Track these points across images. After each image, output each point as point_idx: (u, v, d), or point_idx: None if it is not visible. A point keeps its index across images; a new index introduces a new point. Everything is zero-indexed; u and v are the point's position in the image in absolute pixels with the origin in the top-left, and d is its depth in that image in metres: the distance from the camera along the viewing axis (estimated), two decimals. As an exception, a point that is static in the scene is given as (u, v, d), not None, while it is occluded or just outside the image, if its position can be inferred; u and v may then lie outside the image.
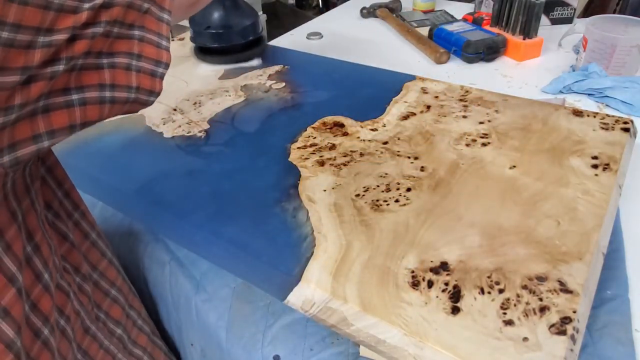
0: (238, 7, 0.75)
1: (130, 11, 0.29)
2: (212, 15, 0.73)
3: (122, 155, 0.55)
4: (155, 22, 0.31)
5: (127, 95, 0.30)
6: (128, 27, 0.29)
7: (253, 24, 0.76)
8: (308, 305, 0.38)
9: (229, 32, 0.74)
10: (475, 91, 0.63)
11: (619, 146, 0.50)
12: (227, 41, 0.75)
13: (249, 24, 0.75)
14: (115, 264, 0.47)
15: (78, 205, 0.43)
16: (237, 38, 0.75)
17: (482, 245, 0.40)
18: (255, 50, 0.77)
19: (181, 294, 0.51)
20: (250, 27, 0.75)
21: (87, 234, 0.44)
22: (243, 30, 0.75)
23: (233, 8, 0.74)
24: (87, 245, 0.44)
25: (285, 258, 0.40)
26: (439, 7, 1.14)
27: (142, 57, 0.31)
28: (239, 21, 0.74)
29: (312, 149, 0.53)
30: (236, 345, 0.46)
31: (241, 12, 0.76)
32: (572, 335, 0.32)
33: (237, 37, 0.75)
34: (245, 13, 0.76)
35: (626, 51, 0.76)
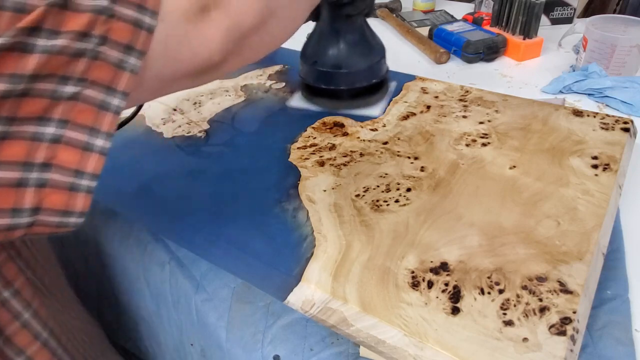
0: (360, 42, 0.59)
1: (31, 101, 0.20)
2: (324, 48, 0.58)
3: (122, 155, 0.55)
4: (90, 112, 0.22)
5: (10, 222, 0.21)
6: (26, 122, 0.20)
7: (377, 63, 0.60)
8: (308, 305, 0.38)
9: (340, 72, 0.58)
10: (475, 91, 0.63)
11: (619, 146, 0.50)
12: (336, 83, 0.59)
13: (370, 64, 0.59)
14: (50, 346, 0.39)
15: (11, 282, 0.35)
16: (350, 81, 0.59)
17: (482, 245, 0.40)
18: (375, 97, 0.62)
19: (181, 294, 0.51)
20: (371, 68, 0.59)
21: (17, 315, 0.36)
22: (360, 72, 0.59)
23: (352, 42, 0.58)
24: (16, 327, 0.36)
25: (285, 258, 0.40)
26: (439, 7, 1.14)
27: (52, 165, 0.22)
28: (356, 60, 0.58)
29: (312, 149, 0.53)
30: (236, 345, 0.46)
31: (363, 47, 0.59)
32: (572, 335, 0.32)
33: (351, 79, 0.59)
34: (367, 49, 0.59)
35: (626, 51, 0.76)
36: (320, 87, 0.60)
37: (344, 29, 0.57)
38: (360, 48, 0.58)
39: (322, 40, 0.58)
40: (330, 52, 0.57)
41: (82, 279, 0.67)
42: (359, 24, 0.58)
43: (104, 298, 0.66)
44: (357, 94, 0.60)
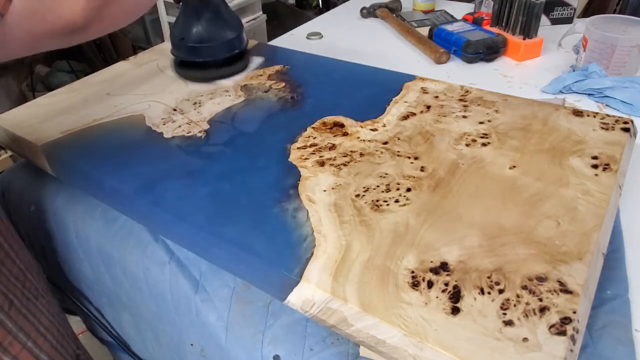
0: (219, 18, 0.68)
1: None
2: (189, 26, 0.67)
3: (122, 155, 0.55)
4: None
5: None
6: None
7: (237, 37, 0.70)
8: (308, 305, 0.38)
9: (207, 45, 0.68)
10: (475, 91, 0.63)
11: (619, 146, 0.50)
12: (203, 55, 0.68)
13: (232, 37, 0.69)
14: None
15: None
16: (217, 52, 0.69)
17: (482, 245, 0.40)
18: (237, 66, 0.71)
19: (181, 294, 0.51)
20: (232, 41, 0.69)
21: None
22: (224, 44, 0.68)
23: (213, 18, 0.68)
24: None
25: (285, 258, 0.40)
26: (439, 7, 1.14)
27: None
28: (219, 34, 0.68)
29: (312, 149, 0.53)
30: (236, 345, 0.46)
31: (223, 22, 0.69)
32: (572, 335, 0.32)
33: (217, 51, 0.68)
34: (227, 24, 0.69)
35: (626, 51, 0.76)
36: (189, 60, 0.69)
37: (202, 8, 0.66)
38: (218, 24, 0.68)
39: (187, 19, 0.67)
40: (194, 29, 0.67)
41: (82, 279, 0.67)
42: (214, 3, 0.67)
43: (104, 298, 0.66)
44: (221, 64, 0.69)
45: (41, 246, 0.71)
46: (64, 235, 0.64)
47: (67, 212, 0.63)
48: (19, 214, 0.71)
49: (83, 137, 0.59)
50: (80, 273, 0.66)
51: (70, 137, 0.59)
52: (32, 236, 0.71)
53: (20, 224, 0.72)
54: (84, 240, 0.61)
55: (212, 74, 0.69)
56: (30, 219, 0.69)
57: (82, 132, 0.59)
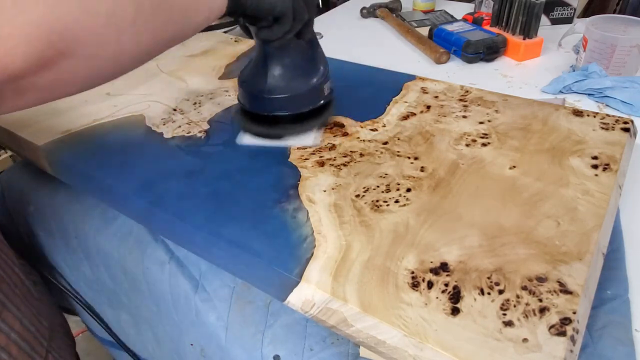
0: (292, 66, 0.52)
1: None
2: (255, 72, 0.53)
3: (122, 155, 0.55)
4: None
5: None
6: None
7: (314, 88, 0.54)
8: (308, 305, 0.38)
9: (270, 97, 0.52)
10: (475, 91, 0.63)
11: (619, 146, 0.50)
12: (265, 108, 0.53)
13: (312, 85, 0.53)
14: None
15: None
16: (291, 106, 0.53)
17: (482, 245, 0.40)
18: (315, 122, 0.56)
19: (181, 294, 0.51)
20: (313, 91, 0.54)
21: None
22: (303, 95, 0.53)
23: (284, 66, 0.52)
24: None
25: (285, 259, 0.40)
26: (439, 7, 1.14)
27: None
28: (297, 83, 0.53)
29: (312, 149, 0.53)
30: (236, 345, 0.46)
31: (304, 67, 0.53)
32: (572, 336, 0.32)
33: (291, 105, 0.53)
34: (309, 68, 0.54)
35: (626, 51, 0.76)
36: (255, 112, 0.55)
37: (272, 52, 0.52)
38: (292, 72, 0.52)
39: (255, 63, 0.54)
40: (256, 76, 0.53)
41: (83, 279, 0.67)
42: (292, 47, 0.52)
43: (104, 298, 0.66)
44: (293, 119, 0.54)
45: (41, 246, 0.71)
46: (63, 235, 0.64)
47: (66, 212, 0.63)
48: (19, 214, 0.71)
49: (83, 137, 0.59)
50: (80, 273, 0.66)
51: (70, 137, 0.59)
52: (32, 236, 0.71)
53: (20, 224, 0.72)
54: (83, 240, 0.61)
55: (281, 131, 0.55)
56: (30, 219, 0.69)
57: (82, 132, 0.59)
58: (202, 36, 0.86)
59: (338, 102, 0.62)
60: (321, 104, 0.55)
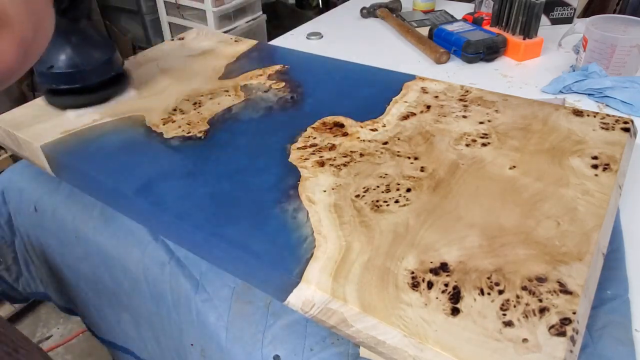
0: (88, 41, 0.64)
1: None
2: (57, 52, 0.62)
3: (122, 155, 0.55)
4: None
5: None
6: None
7: (108, 60, 0.66)
8: (308, 306, 0.38)
9: (78, 71, 0.63)
10: (475, 91, 0.63)
11: (619, 146, 0.50)
12: (75, 82, 0.63)
13: (103, 61, 0.65)
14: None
15: None
16: (89, 78, 0.64)
17: (482, 245, 0.40)
18: (114, 89, 0.67)
19: (181, 294, 0.51)
20: (105, 65, 0.65)
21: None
22: (96, 69, 0.64)
23: (82, 43, 0.63)
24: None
25: (285, 259, 0.40)
26: (439, 7, 1.14)
27: None
28: (90, 58, 0.63)
29: (312, 150, 0.53)
30: (236, 345, 0.46)
31: (93, 46, 0.65)
32: (572, 336, 0.32)
33: (89, 77, 0.64)
34: (98, 47, 0.65)
35: (626, 51, 0.76)
36: (60, 88, 0.63)
37: (70, 31, 0.62)
38: (87, 47, 0.63)
39: (55, 44, 0.61)
40: (62, 55, 0.62)
41: (83, 279, 0.67)
42: (82, 25, 0.63)
43: (104, 298, 0.66)
44: (95, 89, 0.65)
45: (41, 246, 0.71)
46: (63, 235, 0.64)
47: (67, 212, 0.63)
48: (19, 214, 0.71)
49: (83, 137, 0.59)
50: (80, 273, 0.66)
51: (70, 137, 0.59)
52: (32, 236, 0.71)
53: (20, 224, 0.72)
54: (83, 240, 0.61)
55: (87, 99, 0.65)
56: (30, 219, 0.69)
57: (82, 132, 0.59)
58: (202, 36, 0.86)
59: (338, 102, 0.62)
60: (117, 71, 0.67)
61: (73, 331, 1.24)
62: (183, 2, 1.75)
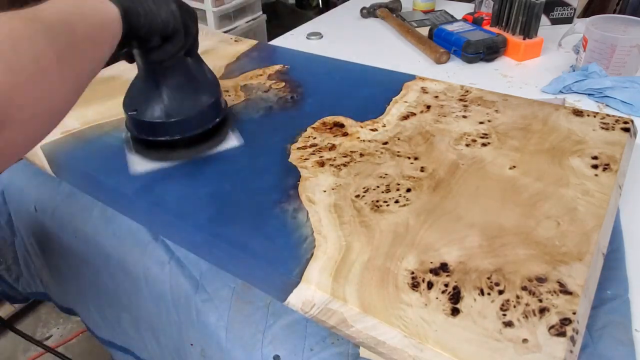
0: (185, 86, 0.51)
1: None
2: (145, 96, 0.51)
3: (122, 155, 0.55)
4: None
5: None
6: None
7: (214, 103, 0.54)
8: (308, 306, 0.38)
9: (172, 121, 0.51)
10: (475, 91, 0.63)
11: (619, 146, 0.50)
12: (164, 134, 0.52)
13: (206, 106, 0.53)
14: None
15: None
16: (186, 129, 0.52)
17: (482, 245, 0.40)
18: (217, 139, 0.55)
19: (181, 294, 0.51)
20: (207, 111, 0.53)
21: None
22: (196, 117, 0.52)
23: (175, 87, 0.51)
24: None
25: (285, 259, 0.40)
26: (439, 7, 1.14)
27: None
28: (188, 105, 0.51)
29: (312, 150, 0.53)
30: (236, 345, 0.46)
31: (188, 91, 0.52)
32: (572, 336, 0.32)
33: (186, 128, 0.52)
34: (199, 88, 0.53)
35: (626, 51, 0.76)
36: (149, 139, 0.53)
37: (162, 73, 0.50)
38: (184, 93, 0.51)
39: (142, 87, 0.52)
40: (150, 101, 0.51)
41: (83, 279, 0.67)
42: (180, 66, 0.51)
43: (104, 298, 0.66)
44: (195, 141, 0.54)
45: (41, 246, 0.71)
46: (64, 235, 0.64)
47: (67, 212, 0.63)
48: (19, 214, 0.71)
49: (83, 137, 0.58)
50: (80, 273, 0.66)
51: (70, 137, 0.59)
52: (32, 236, 0.71)
53: (21, 224, 0.72)
54: (83, 240, 0.61)
55: (182, 154, 0.53)
56: (30, 219, 0.69)
57: (82, 132, 0.59)
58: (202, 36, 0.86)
59: (338, 102, 0.62)
60: (219, 117, 0.55)
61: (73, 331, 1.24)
62: (183, 2, 1.75)
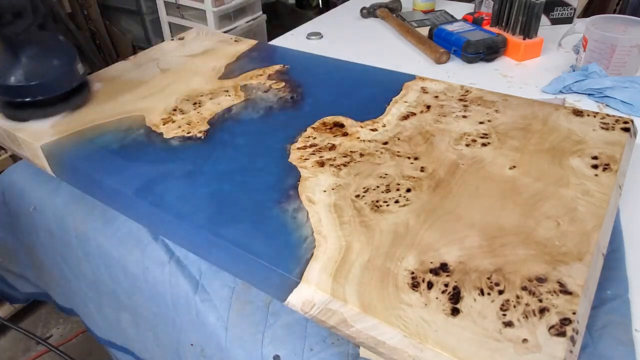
0: (44, 52, 0.61)
1: None
2: (6, 62, 0.60)
3: (122, 155, 0.55)
4: None
5: None
6: None
7: (68, 71, 0.62)
8: (308, 306, 0.38)
9: (33, 85, 0.60)
10: (475, 91, 0.63)
11: (619, 146, 0.50)
12: (28, 95, 0.60)
13: (61, 72, 0.61)
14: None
15: None
16: (45, 91, 0.61)
17: (481, 246, 0.40)
18: (75, 99, 0.64)
19: (181, 294, 0.51)
20: (62, 76, 0.62)
21: None
22: (52, 81, 0.61)
23: (35, 54, 0.60)
24: None
25: (285, 259, 0.40)
26: (439, 7, 1.14)
27: None
28: (43, 71, 0.60)
29: (312, 150, 0.53)
30: (236, 345, 0.46)
31: (48, 57, 0.61)
32: (572, 336, 0.32)
33: (45, 90, 0.61)
34: (54, 57, 0.61)
35: (626, 51, 0.76)
36: (15, 100, 0.60)
37: (19, 44, 0.59)
38: (40, 60, 0.60)
39: (3, 57, 0.60)
40: (11, 68, 0.59)
41: (83, 279, 0.67)
42: (35, 37, 0.59)
43: (104, 298, 0.66)
44: (54, 101, 0.62)
45: (41, 246, 0.71)
46: (64, 235, 0.64)
47: (67, 212, 0.63)
48: (19, 214, 0.71)
49: (83, 137, 0.58)
50: (80, 273, 0.66)
51: (70, 137, 0.59)
52: (32, 236, 0.71)
53: (21, 224, 0.72)
54: (83, 240, 0.61)
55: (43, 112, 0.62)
56: (30, 219, 0.69)
57: (82, 132, 0.59)
58: (202, 36, 0.86)
59: (338, 102, 0.62)
60: (81, 80, 0.64)
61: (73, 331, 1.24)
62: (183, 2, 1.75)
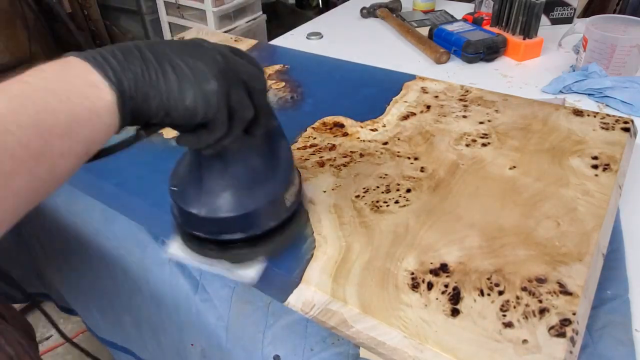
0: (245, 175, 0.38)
1: None
2: (193, 184, 0.40)
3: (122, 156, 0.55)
4: None
5: None
6: None
7: (270, 203, 0.39)
8: (308, 307, 0.38)
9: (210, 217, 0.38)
10: (475, 91, 0.63)
11: (619, 146, 0.50)
12: (200, 229, 0.40)
13: (270, 199, 0.39)
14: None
15: None
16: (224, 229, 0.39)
17: (481, 246, 0.40)
18: (268, 246, 0.41)
19: (181, 294, 0.51)
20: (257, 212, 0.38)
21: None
22: (255, 214, 0.38)
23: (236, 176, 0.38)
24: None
25: (285, 259, 0.40)
26: (439, 7, 1.14)
27: None
28: (246, 197, 0.38)
29: (312, 150, 0.53)
30: (236, 345, 0.46)
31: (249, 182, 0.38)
32: (572, 337, 0.32)
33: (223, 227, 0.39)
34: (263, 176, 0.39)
35: (626, 51, 0.76)
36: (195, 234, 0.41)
37: (205, 157, 0.39)
38: (228, 186, 0.38)
39: (186, 167, 0.41)
40: (188, 185, 0.40)
41: (83, 279, 0.67)
42: (235, 150, 0.38)
43: (104, 298, 0.66)
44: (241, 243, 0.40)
45: (41, 246, 0.71)
46: (63, 235, 0.64)
47: (67, 212, 0.63)
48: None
49: (83, 138, 0.58)
50: (81, 273, 0.66)
51: (70, 137, 0.59)
52: (32, 236, 0.71)
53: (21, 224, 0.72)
54: (83, 240, 0.61)
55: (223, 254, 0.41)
56: (31, 219, 0.69)
57: (82, 133, 0.59)
58: (202, 36, 0.86)
59: (338, 102, 0.62)
60: (282, 221, 0.40)
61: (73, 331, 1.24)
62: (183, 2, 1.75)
